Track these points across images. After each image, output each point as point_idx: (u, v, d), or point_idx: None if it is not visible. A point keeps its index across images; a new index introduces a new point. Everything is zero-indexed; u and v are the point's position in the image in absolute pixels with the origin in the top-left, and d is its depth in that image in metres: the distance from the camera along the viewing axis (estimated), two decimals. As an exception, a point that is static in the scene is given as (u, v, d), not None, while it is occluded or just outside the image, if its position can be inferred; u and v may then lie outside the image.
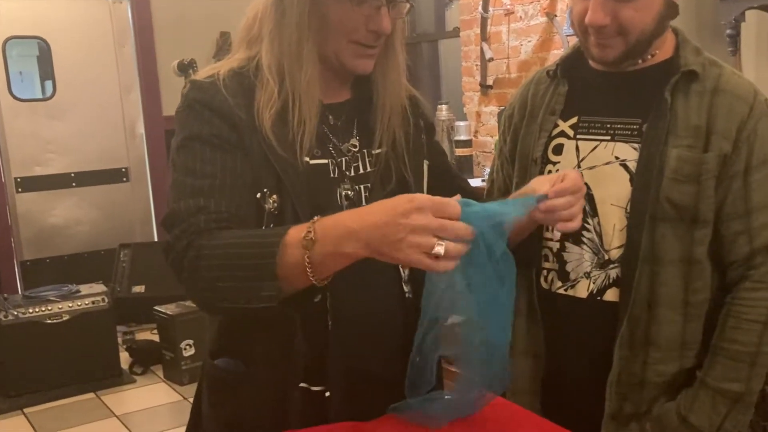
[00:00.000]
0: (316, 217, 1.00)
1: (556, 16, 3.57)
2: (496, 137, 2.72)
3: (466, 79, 4.23)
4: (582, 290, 1.37)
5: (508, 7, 3.80)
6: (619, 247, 1.33)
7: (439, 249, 0.93)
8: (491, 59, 3.95)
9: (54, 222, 4.88)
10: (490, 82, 4.04)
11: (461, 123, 4.03)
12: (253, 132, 1.14)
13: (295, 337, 1.14)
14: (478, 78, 4.10)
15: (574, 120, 1.40)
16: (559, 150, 1.41)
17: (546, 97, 1.45)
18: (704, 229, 1.30)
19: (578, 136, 1.39)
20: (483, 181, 3.45)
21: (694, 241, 1.30)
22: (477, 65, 4.11)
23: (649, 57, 1.35)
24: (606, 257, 1.35)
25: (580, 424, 1.23)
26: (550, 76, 1.47)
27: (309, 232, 0.99)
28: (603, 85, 1.40)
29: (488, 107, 4.04)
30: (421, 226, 0.93)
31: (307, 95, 1.15)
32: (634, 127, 1.33)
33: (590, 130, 1.38)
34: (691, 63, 1.31)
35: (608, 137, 1.36)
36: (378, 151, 1.24)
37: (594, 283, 1.36)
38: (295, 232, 1.01)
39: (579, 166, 1.37)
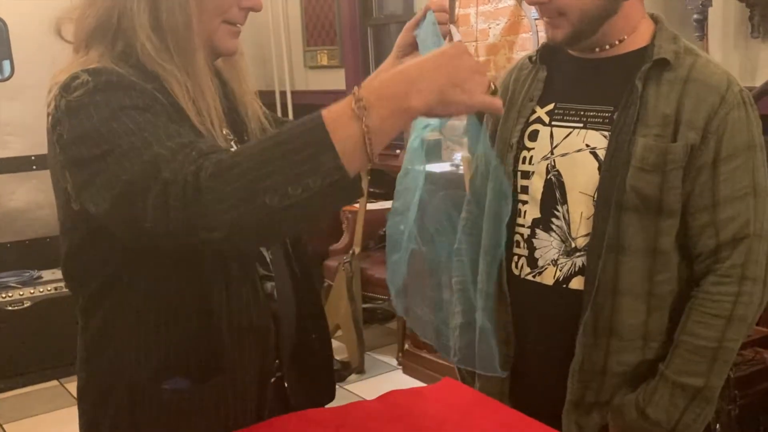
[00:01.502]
0: (355, 88, 0.91)
1: (524, -2, 3.55)
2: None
3: (435, 61, 4.19)
4: (548, 277, 1.37)
5: (477, -11, 3.77)
6: (585, 236, 1.33)
7: (493, 85, 0.95)
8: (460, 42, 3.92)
9: (14, 206, 4.76)
10: (458, 64, 4.00)
11: (430, 106, 3.99)
12: (181, 119, 1.04)
13: (270, 332, 1.14)
14: (447, 61, 4.06)
15: (550, 106, 1.40)
16: (534, 136, 1.40)
17: (527, 83, 1.46)
18: (670, 220, 1.29)
19: (553, 123, 1.39)
20: (451, 166, 3.42)
21: (660, 232, 1.29)
22: (446, 48, 4.08)
23: (617, 42, 1.34)
24: (573, 245, 1.34)
25: (543, 410, 1.23)
26: (531, 62, 1.47)
27: (359, 100, 0.89)
28: (578, 72, 1.40)
29: (457, 90, 4.01)
30: (477, 65, 0.94)
31: (206, 80, 1.09)
32: (606, 114, 1.33)
33: (565, 117, 1.38)
34: (663, 51, 1.30)
35: (581, 125, 1.35)
36: (247, 138, 1.21)
37: (560, 270, 1.35)
38: (338, 108, 0.90)
39: (552, 153, 1.37)
